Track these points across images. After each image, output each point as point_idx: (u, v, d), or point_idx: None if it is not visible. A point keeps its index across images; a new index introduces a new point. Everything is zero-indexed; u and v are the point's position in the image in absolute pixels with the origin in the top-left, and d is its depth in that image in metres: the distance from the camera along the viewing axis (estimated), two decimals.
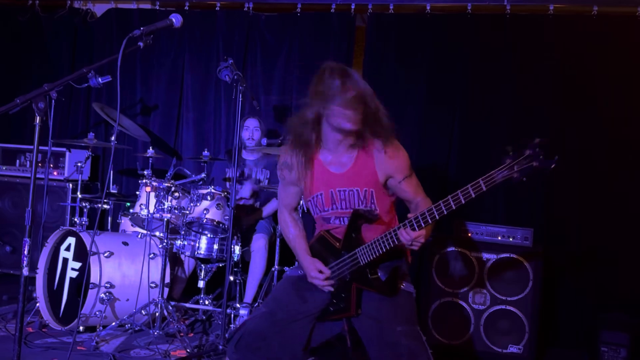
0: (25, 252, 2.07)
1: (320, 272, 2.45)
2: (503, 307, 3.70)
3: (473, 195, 2.11)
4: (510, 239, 3.78)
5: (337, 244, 2.46)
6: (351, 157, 2.44)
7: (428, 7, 4.63)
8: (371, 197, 2.42)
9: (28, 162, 5.11)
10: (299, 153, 2.48)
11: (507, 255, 3.71)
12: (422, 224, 2.21)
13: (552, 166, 2.00)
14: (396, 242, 2.27)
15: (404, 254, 2.56)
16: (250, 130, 4.44)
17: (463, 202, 2.13)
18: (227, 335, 3.43)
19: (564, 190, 4.38)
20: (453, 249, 3.81)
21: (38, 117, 2.06)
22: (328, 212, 2.49)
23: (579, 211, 4.34)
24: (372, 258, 2.34)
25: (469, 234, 3.86)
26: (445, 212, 2.16)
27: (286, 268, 3.98)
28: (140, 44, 2.22)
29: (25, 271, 2.08)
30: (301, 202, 3.69)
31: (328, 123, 2.38)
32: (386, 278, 2.38)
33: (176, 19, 2.33)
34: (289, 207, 2.68)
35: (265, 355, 2.40)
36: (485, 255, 3.75)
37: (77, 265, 3.82)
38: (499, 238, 3.80)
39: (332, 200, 2.46)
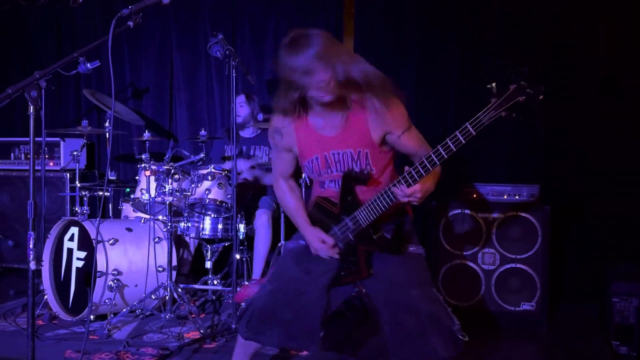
0: (31, 246, 2.02)
1: (324, 242, 2.38)
2: (513, 265, 3.68)
3: (463, 141, 2.02)
4: (517, 197, 3.75)
5: (335, 209, 2.39)
6: (343, 117, 2.31)
7: None
8: (366, 158, 2.33)
9: (23, 154, 5.05)
10: (288, 119, 2.39)
11: (514, 213, 3.68)
12: (417, 178, 2.13)
13: (540, 97, 1.92)
14: (393, 200, 2.20)
15: (406, 210, 2.49)
16: (236, 107, 4.38)
17: (454, 149, 2.04)
18: (237, 313, 3.41)
19: (566, 142, 4.35)
20: (459, 211, 3.78)
21: (32, 107, 1.99)
22: (323, 175, 2.41)
23: (583, 163, 4.31)
24: (372, 218, 2.28)
25: (474, 195, 3.82)
26: (438, 162, 2.08)
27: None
28: (130, 23, 2.14)
29: (32, 265, 2.03)
30: (303, 175, 3.66)
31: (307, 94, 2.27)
32: (391, 236, 2.34)
33: None
34: (284, 175, 2.57)
35: (279, 329, 2.36)
36: (492, 215, 3.72)
37: (83, 254, 3.78)
38: (505, 197, 3.77)
39: (327, 163, 2.37)
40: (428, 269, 2.41)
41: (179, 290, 3.76)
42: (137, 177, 4.04)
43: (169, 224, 3.79)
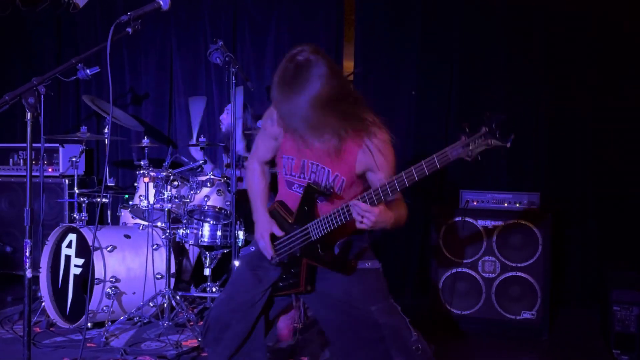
0: (27, 254, 2.00)
1: (272, 236, 2.34)
2: (514, 273, 3.66)
3: (427, 173, 1.99)
4: (517, 205, 3.73)
5: (290, 218, 2.34)
6: (337, 143, 2.21)
7: None
8: (340, 184, 2.28)
9: (21, 160, 5.03)
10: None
11: (515, 221, 3.66)
12: (375, 201, 2.07)
13: (508, 145, 1.90)
14: (347, 219, 2.14)
15: (362, 230, 2.36)
16: (223, 114, 4.40)
17: (416, 179, 2.01)
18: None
19: (567, 149, 4.34)
20: (459, 218, 3.76)
21: (29, 113, 1.97)
22: (294, 177, 2.36)
23: (584, 170, 4.31)
24: (323, 233, 2.21)
25: (475, 202, 3.81)
26: (398, 189, 2.05)
27: None
28: (129, 29, 2.13)
29: (28, 273, 2.02)
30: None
31: None
32: (337, 254, 2.29)
33: (164, 2, 2.24)
34: (260, 159, 2.52)
35: (230, 344, 2.32)
36: (493, 223, 3.70)
37: (80, 261, 3.76)
38: (506, 205, 3.75)
39: (302, 169, 2.32)
40: (385, 283, 2.35)
41: (177, 297, 3.73)
42: (135, 184, 4.02)
43: (168, 230, 3.77)
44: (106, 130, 4.29)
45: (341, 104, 2.10)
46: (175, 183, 3.78)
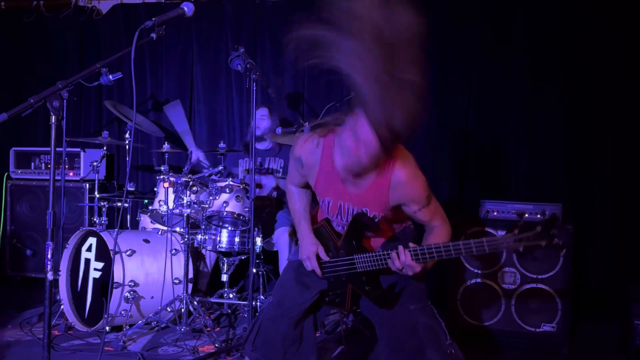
0: (49, 256, 2.02)
1: (314, 256, 2.39)
2: (534, 285, 3.61)
3: (475, 253, 2.05)
4: (538, 216, 3.69)
5: (338, 240, 2.39)
6: (367, 182, 2.23)
7: None
8: (379, 220, 2.32)
9: (43, 164, 5.09)
10: (316, 150, 2.28)
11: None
12: (420, 259, 2.14)
13: (563, 251, 1.97)
14: (386, 265, 2.21)
15: None
16: (257, 119, 4.39)
17: (464, 254, 2.07)
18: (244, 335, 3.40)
19: (588, 162, 4.29)
20: (479, 229, 3.72)
21: (54, 117, 1.99)
22: (333, 217, 2.42)
23: (606, 181, 4.26)
24: (368, 269, 2.28)
25: (495, 213, 3.77)
26: (445, 257, 2.11)
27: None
28: (153, 35, 2.15)
29: (50, 275, 2.03)
30: None
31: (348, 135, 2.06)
32: (382, 292, 2.34)
33: (188, 8, 2.26)
34: (295, 184, 2.55)
35: (280, 346, 2.39)
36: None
37: (100, 265, 3.78)
38: (527, 215, 3.71)
39: (340, 211, 2.37)
40: (425, 285, 2.43)
41: (195, 303, 3.74)
42: (155, 189, 4.04)
43: (186, 236, 3.78)
44: (127, 136, 4.33)
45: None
46: (195, 189, 3.80)
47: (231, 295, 4.11)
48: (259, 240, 3.98)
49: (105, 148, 4.29)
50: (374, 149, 2.00)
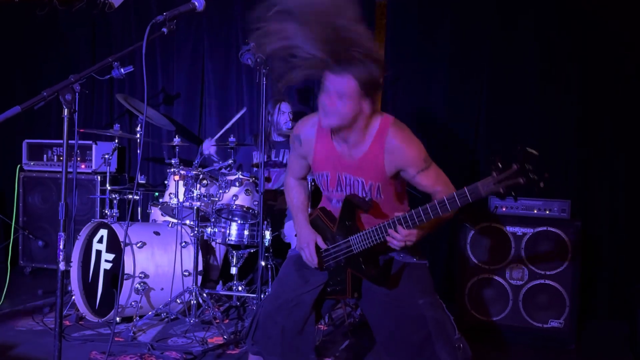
0: (61, 247, 2.04)
1: (316, 246, 2.40)
2: (542, 281, 3.62)
3: (460, 204, 2.04)
4: (547, 212, 3.69)
5: (333, 227, 2.40)
6: (364, 146, 2.29)
7: None
8: (377, 190, 2.33)
9: (55, 156, 5.14)
10: (313, 128, 2.40)
11: (544, 228, 3.62)
12: (411, 225, 2.15)
13: (542, 185, 1.91)
14: (385, 239, 2.21)
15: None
16: (286, 115, 4.43)
17: (450, 209, 2.06)
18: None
19: (599, 155, 4.27)
20: (488, 224, 3.73)
21: (66, 110, 2.01)
22: (332, 192, 2.42)
23: (617, 177, 4.24)
24: (365, 247, 2.28)
25: (503, 208, 3.77)
26: (433, 216, 2.10)
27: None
28: (164, 29, 2.17)
29: (62, 265, 2.06)
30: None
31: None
32: (379, 269, 2.33)
33: (199, 3, 2.28)
34: (295, 176, 2.61)
35: (279, 337, 2.38)
36: (521, 230, 3.67)
37: (111, 256, 3.82)
38: (535, 211, 3.71)
39: (339, 183, 2.38)
40: (431, 279, 2.42)
41: (204, 295, 3.77)
42: (166, 182, 4.08)
43: (196, 228, 3.81)
44: (138, 129, 4.36)
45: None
46: (205, 182, 3.83)
47: (240, 288, 4.15)
48: (268, 234, 4.01)
49: (116, 141, 4.33)
50: (343, 88, 2.14)
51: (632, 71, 4.18)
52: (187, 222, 4.04)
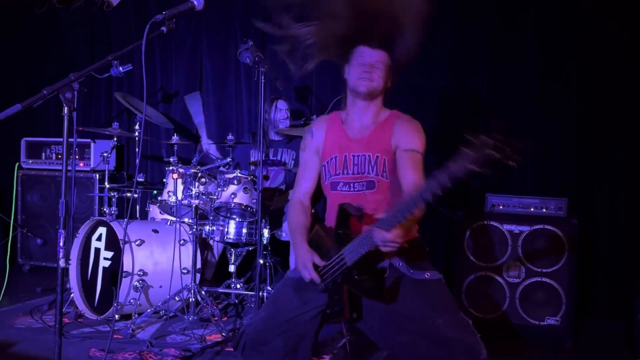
0: (61, 244, 2.06)
1: (315, 265, 2.24)
2: (539, 279, 3.64)
3: (440, 192, 1.83)
4: (544, 210, 3.71)
5: (329, 241, 2.27)
6: (373, 125, 2.40)
7: None
8: (383, 165, 2.31)
9: (54, 154, 5.15)
10: (324, 122, 2.51)
11: (541, 226, 3.64)
12: (399, 221, 1.94)
13: (514, 162, 1.75)
14: (372, 246, 2.02)
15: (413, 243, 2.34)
16: (284, 112, 4.45)
17: (431, 198, 1.86)
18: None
19: (598, 158, 4.29)
20: (485, 222, 3.75)
21: (66, 108, 2.03)
22: (338, 176, 2.39)
23: (614, 175, 4.26)
24: (356, 257, 2.10)
25: (501, 207, 3.79)
26: (412, 211, 1.91)
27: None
28: (164, 28, 2.17)
29: (62, 262, 2.07)
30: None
31: (347, 85, 2.43)
32: (375, 281, 2.16)
33: (198, 2, 2.28)
34: (302, 193, 2.50)
35: (272, 356, 2.26)
36: (518, 228, 3.69)
37: (110, 254, 3.84)
38: (532, 209, 3.73)
39: (345, 164, 2.38)
40: (450, 294, 2.27)
41: (203, 292, 3.79)
42: (164, 180, 4.09)
43: (195, 226, 3.83)
44: (137, 127, 4.37)
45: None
46: (203, 180, 3.84)
47: (238, 286, 4.16)
48: (266, 232, 4.02)
49: (115, 139, 4.34)
50: (377, 58, 2.35)
51: (632, 70, 4.19)
52: (186, 220, 4.05)
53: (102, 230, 3.91)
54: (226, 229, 3.99)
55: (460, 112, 4.56)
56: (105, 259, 3.86)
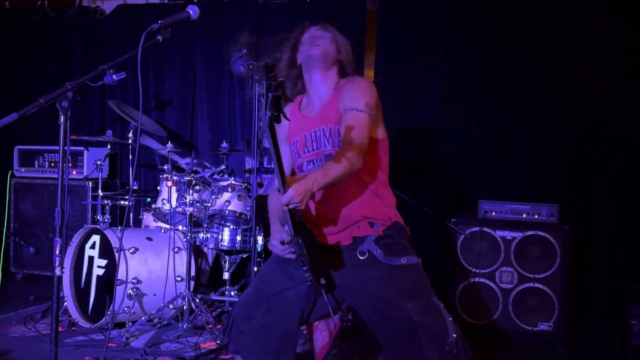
0: (57, 252, 2.06)
1: (282, 242, 2.21)
2: (531, 284, 3.67)
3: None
4: (536, 216, 3.74)
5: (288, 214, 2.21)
6: (326, 99, 2.37)
7: None
8: (337, 135, 2.27)
9: (47, 162, 5.14)
10: (287, 110, 2.40)
11: (533, 232, 3.67)
12: (283, 187, 1.95)
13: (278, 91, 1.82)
14: (287, 213, 2.03)
15: (397, 224, 2.33)
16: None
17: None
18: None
19: (588, 160, 4.33)
20: (477, 228, 3.78)
21: (62, 117, 2.04)
22: (301, 157, 2.38)
23: (605, 181, 4.30)
24: (292, 226, 2.09)
25: (493, 213, 3.82)
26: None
27: None
28: (159, 37, 2.19)
29: (57, 271, 2.07)
30: None
31: (302, 66, 2.44)
32: (318, 247, 2.16)
33: (193, 11, 2.31)
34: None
35: (256, 335, 2.26)
36: (511, 234, 3.72)
37: (103, 262, 3.83)
38: (524, 216, 3.77)
39: (305, 143, 2.37)
40: (425, 279, 2.27)
41: (197, 300, 3.79)
42: (158, 187, 4.09)
43: (189, 234, 3.83)
44: (130, 135, 4.38)
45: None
46: (197, 187, 3.85)
47: (232, 293, 4.16)
48: (260, 239, 4.03)
49: (109, 147, 4.33)
50: (320, 32, 2.50)
51: (632, 71, 4.24)
52: (180, 227, 4.05)
53: (95, 238, 3.91)
54: (220, 236, 4.00)
55: (456, 112, 4.59)
56: (99, 267, 3.85)
